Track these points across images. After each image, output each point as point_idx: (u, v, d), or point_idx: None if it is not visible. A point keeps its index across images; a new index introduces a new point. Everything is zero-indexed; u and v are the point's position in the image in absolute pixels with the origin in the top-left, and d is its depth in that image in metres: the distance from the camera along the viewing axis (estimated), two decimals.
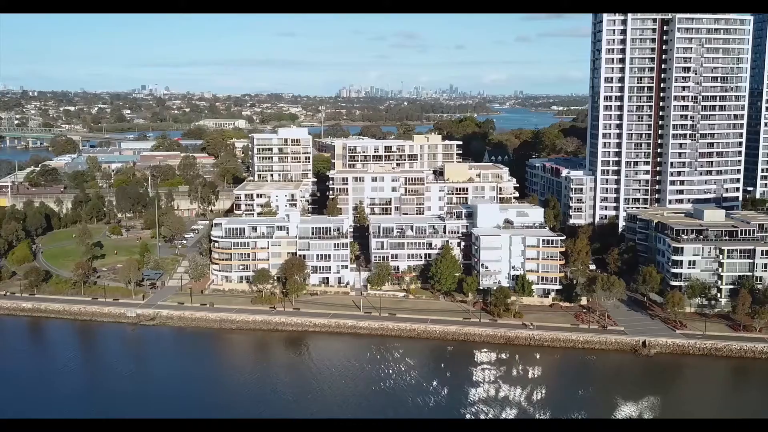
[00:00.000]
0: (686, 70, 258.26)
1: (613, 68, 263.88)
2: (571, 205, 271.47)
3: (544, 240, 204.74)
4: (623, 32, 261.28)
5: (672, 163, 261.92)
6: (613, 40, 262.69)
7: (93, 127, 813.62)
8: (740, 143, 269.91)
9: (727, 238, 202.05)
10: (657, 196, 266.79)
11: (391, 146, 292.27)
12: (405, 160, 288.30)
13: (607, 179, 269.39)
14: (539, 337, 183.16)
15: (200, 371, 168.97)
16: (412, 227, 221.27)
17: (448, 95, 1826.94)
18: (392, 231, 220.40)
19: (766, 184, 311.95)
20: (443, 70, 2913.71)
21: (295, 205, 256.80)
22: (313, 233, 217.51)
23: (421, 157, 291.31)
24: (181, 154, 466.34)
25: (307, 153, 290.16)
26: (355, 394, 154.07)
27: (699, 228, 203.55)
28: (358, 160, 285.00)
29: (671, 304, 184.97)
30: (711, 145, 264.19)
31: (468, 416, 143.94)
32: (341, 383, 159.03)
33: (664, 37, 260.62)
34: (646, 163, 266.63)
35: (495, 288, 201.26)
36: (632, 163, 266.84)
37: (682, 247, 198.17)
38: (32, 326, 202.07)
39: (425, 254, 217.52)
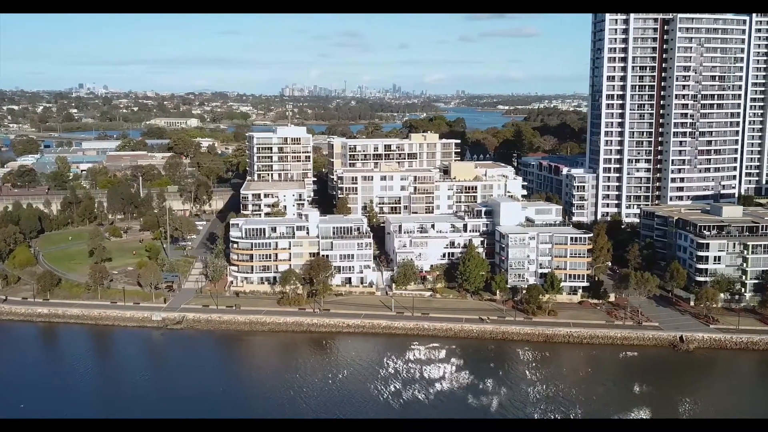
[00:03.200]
0: (686, 69, 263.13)
1: (615, 67, 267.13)
2: (573, 202, 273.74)
3: (571, 237, 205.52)
4: (625, 32, 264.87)
5: (673, 160, 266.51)
6: (615, 39, 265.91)
7: (42, 127, 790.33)
8: (736, 141, 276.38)
9: (747, 233, 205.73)
10: (657, 193, 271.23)
11: (390, 145, 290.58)
12: (405, 158, 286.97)
13: (609, 177, 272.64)
14: (577, 335, 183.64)
15: (246, 375, 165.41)
16: (432, 226, 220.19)
17: (392, 94, 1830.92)
18: (413, 230, 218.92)
19: (750, 181, 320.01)
20: (386, 69, 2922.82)
21: (303, 204, 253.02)
22: (334, 233, 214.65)
23: (420, 155, 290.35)
24: (148, 154, 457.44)
25: (308, 152, 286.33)
26: (415, 396, 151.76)
27: (721, 224, 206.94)
28: (358, 159, 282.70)
29: (705, 299, 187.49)
30: (709, 143, 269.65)
31: (535, 416, 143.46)
32: (398, 385, 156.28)
33: (665, 36, 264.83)
34: (648, 161, 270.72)
35: (523, 286, 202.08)
36: (633, 160, 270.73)
37: (708, 243, 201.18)
38: (53, 333, 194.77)
39: (448, 253, 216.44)
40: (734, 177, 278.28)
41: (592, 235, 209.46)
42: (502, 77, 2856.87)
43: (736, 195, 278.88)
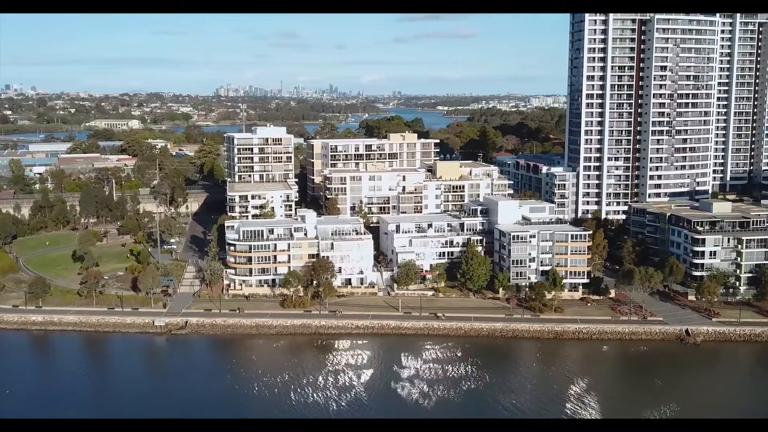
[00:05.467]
0: (663, 68, 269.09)
1: (594, 67, 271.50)
2: (554, 200, 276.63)
3: (572, 235, 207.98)
4: (604, 32, 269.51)
5: (651, 158, 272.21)
6: (595, 39, 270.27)
7: None
8: (709, 139, 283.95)
9: (739, 229, 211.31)
10: (636, 190, 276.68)
11: (371, 145, 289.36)
12: (385, 159, 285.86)
13: (588, 175, 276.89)
14: (586, 331, 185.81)
15: (265, 378, 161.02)
16: (430, 225, 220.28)
17: (329, 95, 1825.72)
18: (411, 230, 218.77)
19: (715, 178, 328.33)
20: (322, 69, 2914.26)
21: (291, 206, 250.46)
22: (334, 234, 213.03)
23: (400, 155, 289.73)
24: (102, 156, 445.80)
25: (289, 153, 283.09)
26: (445, 396, 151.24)
27: (714, 220, 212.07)
28: (339, 160, 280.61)
29: (706, 293, 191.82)
30: (685, 140, 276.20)
31: (567, 412, 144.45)
32: (424, 385, 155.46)
33: (642, 37, 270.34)
34: (626, 159, 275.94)
35: (525, 284, 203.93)
36: (613, 158, 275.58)
37: (704, 239, 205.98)
38: (50, 341, 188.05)
39: (448, 252, 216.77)
40: (707, 174, 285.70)
41: (591, 232, 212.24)
42: (437, 78, 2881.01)
43: (710, 192, 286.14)
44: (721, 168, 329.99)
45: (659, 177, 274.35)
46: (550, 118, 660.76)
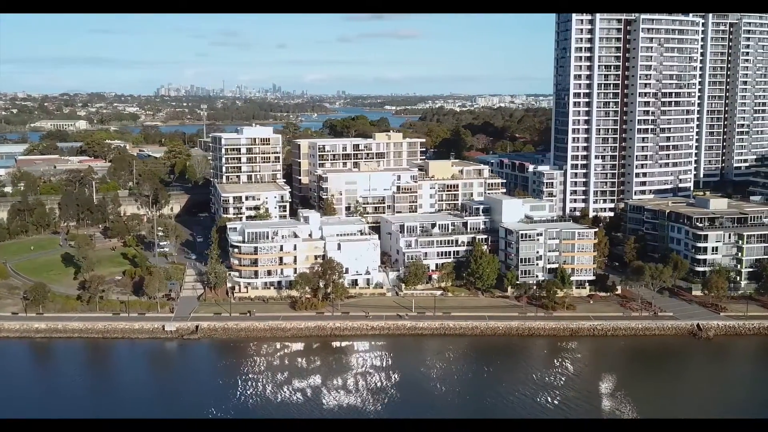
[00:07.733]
0: (648, 68, 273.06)
1: (581, 66, 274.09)
2: (543, 198, 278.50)
3: (578, 233, 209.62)
4: (591, 32, 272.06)
5: (636, 156, 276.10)
6: (581, 39, 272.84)
7: None
8: (691, 137, 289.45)
9: (738, 224, 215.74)
10: (621, 188, 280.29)
11: (358, 144, 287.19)
12: (373, 158, 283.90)
13: (576, 173, 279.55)
14: (601, 327, 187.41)
15: (295, 381, 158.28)
16: (433, 225, 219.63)
17: (273, 94, 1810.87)
18: (416, 229, 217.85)
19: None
20: (265, 68, 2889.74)
21: (286, 206, 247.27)
22: (339, 234, 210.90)
23: (387, 155, 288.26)
24: (62, 158, 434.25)
25: (277, 153, 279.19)
26: (489, 395, 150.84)
27: (714, 216, 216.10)
28: (327, 159, 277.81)
29: (714, 288, 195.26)
30: (668, 138, 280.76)
31: (606, 408, 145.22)
32: (457, 386, 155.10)
33: (628, 36, 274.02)
34: (613, 157, 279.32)
35: (533, 282, 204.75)
36: (600, 156, 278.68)
37: (707, 235, 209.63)
38: (57, 349, 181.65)
39: (453, 251, 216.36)
40: (689, 171, 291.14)
41: (597, 230, 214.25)
42: (380, 78, 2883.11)
43: (692, 188, 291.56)
44: (695, 165, 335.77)
45: (644, 174, 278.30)
46: (502, 117, 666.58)
